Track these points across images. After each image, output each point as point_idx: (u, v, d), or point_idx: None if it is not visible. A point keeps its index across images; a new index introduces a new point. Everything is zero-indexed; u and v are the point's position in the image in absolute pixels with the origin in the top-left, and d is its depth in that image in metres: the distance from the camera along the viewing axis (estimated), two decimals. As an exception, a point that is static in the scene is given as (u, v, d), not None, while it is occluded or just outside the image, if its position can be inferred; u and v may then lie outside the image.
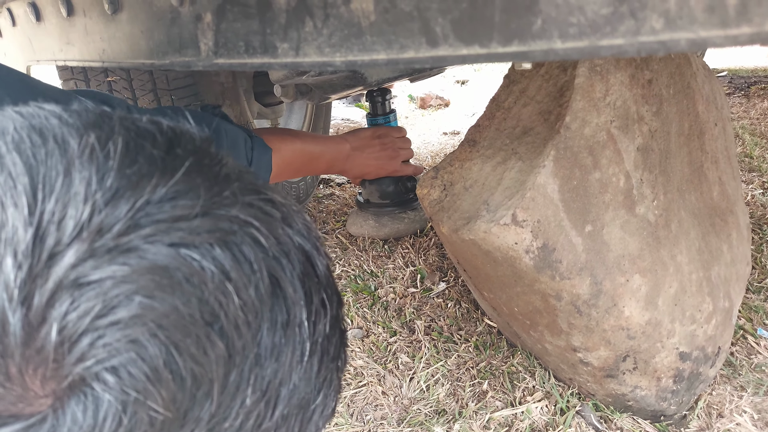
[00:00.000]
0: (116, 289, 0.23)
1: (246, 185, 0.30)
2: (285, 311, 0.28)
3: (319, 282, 0.31)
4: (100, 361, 0.22)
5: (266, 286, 0.27)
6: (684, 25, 0.30)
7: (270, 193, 0.31)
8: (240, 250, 0.26)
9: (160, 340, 0.23)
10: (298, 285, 0.29)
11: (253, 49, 0.51)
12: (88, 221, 0.23)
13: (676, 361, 0.84)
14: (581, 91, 0.75)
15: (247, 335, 0.26)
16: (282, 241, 0.29)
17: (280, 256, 0.28)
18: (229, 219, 0.27)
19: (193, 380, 0.24)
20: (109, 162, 0.25)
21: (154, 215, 0.24)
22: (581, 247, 0.75)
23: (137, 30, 0.64)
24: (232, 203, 0.27)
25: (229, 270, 0.26)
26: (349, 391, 0.98)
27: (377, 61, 0.43)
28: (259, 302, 0.27)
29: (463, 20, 0.37)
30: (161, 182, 0.25)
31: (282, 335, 0.28)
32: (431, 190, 0.93)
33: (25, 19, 0.87)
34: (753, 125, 2.42)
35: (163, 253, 0.24)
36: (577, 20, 0.33)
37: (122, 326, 0.22)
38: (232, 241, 0.26)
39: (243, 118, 1.37)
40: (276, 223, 0.29)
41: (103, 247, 0.23)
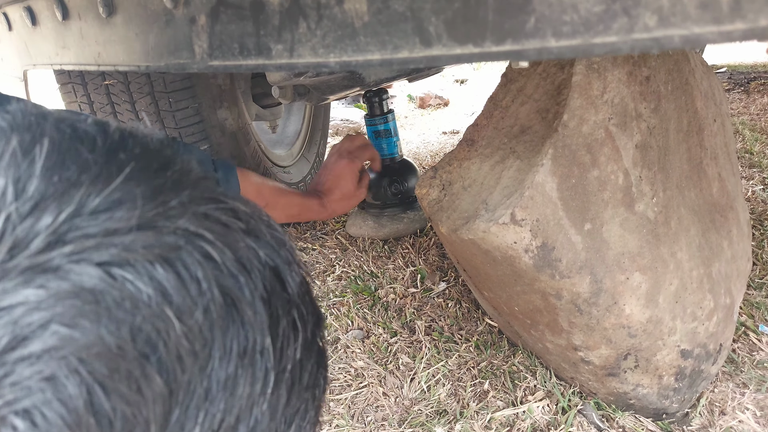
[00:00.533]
0: (28, 317, 0.19)
1: (201, 192, 0.26)
2: (243, 337, 0.25)
3: (290, 300, 0.28)
4: (8, 403, 0.19)
5: (219, 308, 0.24)
6: (677, 22, 0.30)
7: (231, 202, 0.27)
8: (185, 267, 0.23)
9: (81, 377, 0.20)
10: (260, 306, 0.26)
11: (248, 50, 0.51)
12: (0, 237, 0.20)
13: (678, 359, 0.83)
14: (579, 89, 0.75)
15: (194, 367, 0.23)
16: (242, 255, 0.26)
17: (239, 273, 0.25)
18: (175, 232, 0.23)
19: (123, 423, 0.20)
20: (33, 167, 0.22)
21: (83, 229, 0.21)
22: (581, 245, 0.75)
23: (132, 33, 0.64)
24: (180, 213, 0.24)
25: (171, 292, 0.22)
26: (350, 393, 0.98)
27: (371, 61, 0.43)
28: (209, 328, 0.23)
29: (456, 20, 0.37)
30: (94, 191, 0.22)
31: (238, 365, 0.24)
32: (430, 189, 0.93)
33: (21, 23, 0.87)
34: (753, 121, 2.41)
35: (90, 273, 0.21)
36: (570, 18, 0.33)
37: (34, 361, 0.19)
38: (177, 257, 0.23)
39: (242, 119, 1.37)
40: (236, 235, 0.26)
41: (17, 268, 0.20)
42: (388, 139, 1.50)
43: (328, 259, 1.47)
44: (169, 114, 1.20)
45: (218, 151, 1.30)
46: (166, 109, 1.20)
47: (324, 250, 1.52)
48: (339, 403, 0.96)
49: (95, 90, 1.22)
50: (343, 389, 0.99)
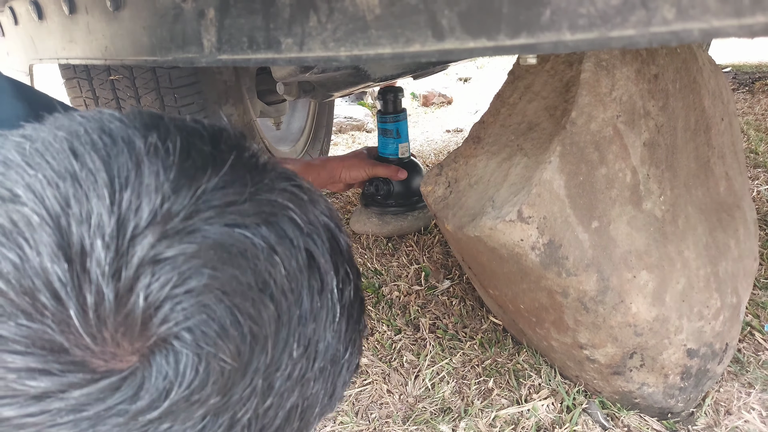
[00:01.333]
0: (187, 264, 0.27)
1: (279, 174, 0.34)
2: (319, 280, 0.32)
3: (343, 256, 0.36)
4: (178, 323, 0.26)
5: (304, 258, 0.31)
6: (696, 15, 0.30)
7: (299, 180, 0.35)
8: (282, 228, 0.31)
9: (225, 304, 0.27)
10: (329, 258, 0.33)
11: (257, 44, 0.51)
12: (160, 208, 0.27)
13: (684, 358, 0.83)
14: (587, 86, 0.75)
15: (291, 299, 0.30)
16: (312, 221, 0.33)
17: (313, 233, 0.33)
18: (270, 203, 0.31)
19: (252, 337, 0.28)
20: (170, 158, 0.29)
21: (211, 201, 0.29)
22: (588, 243, 0.75)
23: (139, 27, 0.63)
24: (271, 189, 0.32)
25: (275, 245, 0.30)
26: (354, 390, 0.97)
27: (383, 55, 0.43)
28: (299, 272, 0.31)
29: (470, 12, 0.37)
30: (214, 173, 0.30)
31: (318, 300, 0.32)
32: (435, 187, 0.93)
33: (28, 17, 0.87)
34: (758, 121, 2.40)
35: (221, 232, 0.28)
36: (586, 11, 0.32)
37: (195, 293, 0.27)
38: (275, 221, 0.31)
39: (246, 116, 1.37)
40: (306, 205, 0.33)
41: (173, 229, 0.27)
42: (391, 139, 1.49)
43: (332, 256, 1.46)
44: (174, 110, 1.20)
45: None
46: (171, 104, 1.20)
47: (328, 247, 1.52)
48: (343, 400, 0.95)
49: (100, 85, 1.21)
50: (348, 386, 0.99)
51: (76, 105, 1.27)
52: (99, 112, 0.32)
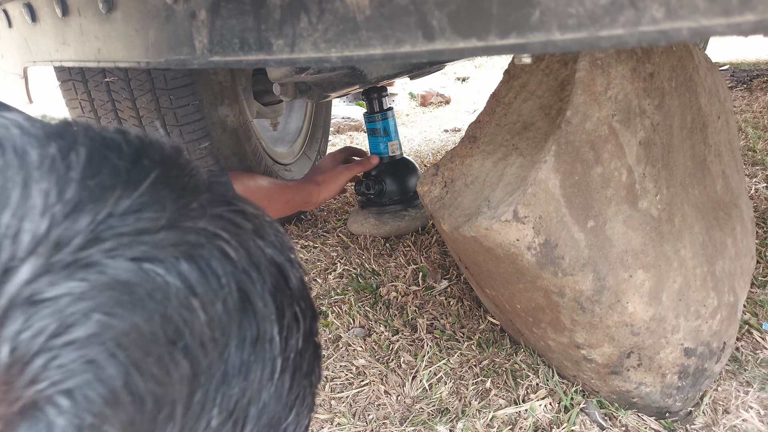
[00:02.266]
0: (73, 307, 0.21)
1: (216, 196, 0.29)
2: (255, 327, 0.27)
3: (292, 295, 0.30)
4: (54, 384, 0.21)
5: (235, 300, 0.26)
6: (685, 14, 0.29)
7: (241, 204, 0.30)
8: (207, 263, 0.25)
9: (119, 360, 0.22)
10: (269, 299, 0.28)
11: (249, 46, 0.51)
12: (46, 235, 0.22)
13: (681, 357, 0.83)
14: (582, 85, 0.75)
15: (214, 353, 0.25)
16: (253, 254, 0.28)
17: (251, 269, 0.27)
18: (197, 231, 0.26)
19: (154, 402, 0.23)
20: (71, 173, 0.24)
21: (117, 228, 0.23)
22: (584, 242, 0.74)
23: (132, 29, 0.63)
24: (200, 215, 0.26)
25: (195, 285, 0.25)
26: (352, 391, 0.97)
27: (373, 56, 0.43)
28: (227, 318, 0.26)
29: (460, 13, 0.37)
30: (125, 194, 0.24)
31: (251, 352, 0.27)
32: (432, 187, 0.93)
33: (21, 20, 0.87)
34: (756, 118, 2.40)
35: (125, 267, 0.23)
36: (576, 11, 0.32)
37: (78, 346, 0.21)
38: (199, 254, 0.25)
39: (243, 117, 1.36)
40: (247, 235, 0.28)
41: (61, 262, 0.22)
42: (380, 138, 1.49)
43: (330, 257, 1.46)
44: (170, 111, 1.20)
45: (219, 148, 1.29)
46: (167, 106, 1.19)
47: (325, 248, 1.52)
48: (340, 402, 0.95)
49: (96, 87, 1.21)
50: (345, 387, 0.99)
51: (71, 107, 1.27)
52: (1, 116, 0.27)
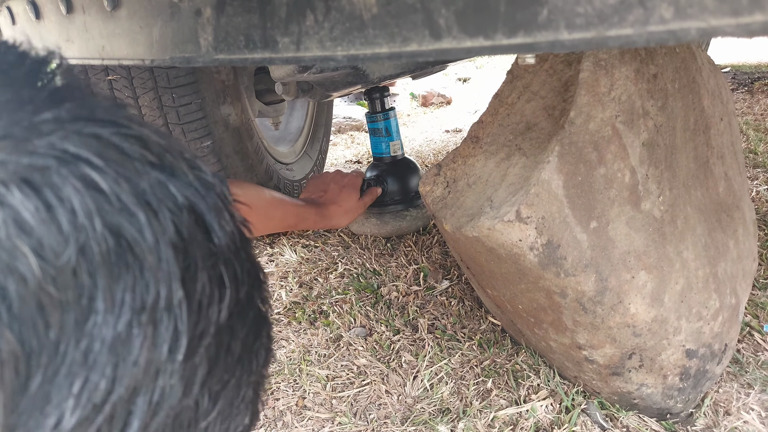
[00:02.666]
0: None
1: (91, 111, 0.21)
2: (142, 288, 0.20)
3: (215, 253, 0.23)
4: None
5: (104, 249, 0.19)
6: (694, 14, 0.29)
7: (138, 128, 0.22)
8: (56, 193, 0.18)
9: None
10: (169, 253, 0.21)
11: (254, 43, 0.51)
12: None
13: (683, 359, 0.83)
14: (586, 86, 0.75)
15: (63, 322, 0.18)
16: (144, 191, 0.21)
17: (137, 210, 0.20)
18: (45, 149, 0.19)
19: None
20: None
21: None
22: (586, 243, 0.74)
23: (136, 26, 0.63)
24: (55, 129, 0.19)
25: (30, 222, 0.18)
26: (353, 390, 0.97)
27: (380, 54, 0.43)
28: (88, 273, 0.19)
29: (467, 11, 0.37)
30: None
31: (133, 322, 0.19)
32: (434, 187, 0.93)
33: (25, 17, 0.87)
34: (757, 121, 2.40)
35: None
36: (584, 10, 0.32)
37: None
38: (44, 180, 0.18)
39: (245, 116, 1.36)
40: (138, 166, 0.21)
41: None
42: (382, 138, 1.50)
43: (331, 256, 1.46)
44: (173, 109, 1.20)
45: (221, 146, 1.29)
46: (169, 104, 1.19)
47: (326, 247, 1.52)
48: (341, 401, 0.95)
49: (98, 85, 1.21)
50: (346, 387, 0.99)
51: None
52: None
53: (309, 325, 1.18)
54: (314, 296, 1.28)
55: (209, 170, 0.25)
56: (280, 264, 1.45)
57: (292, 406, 0.95)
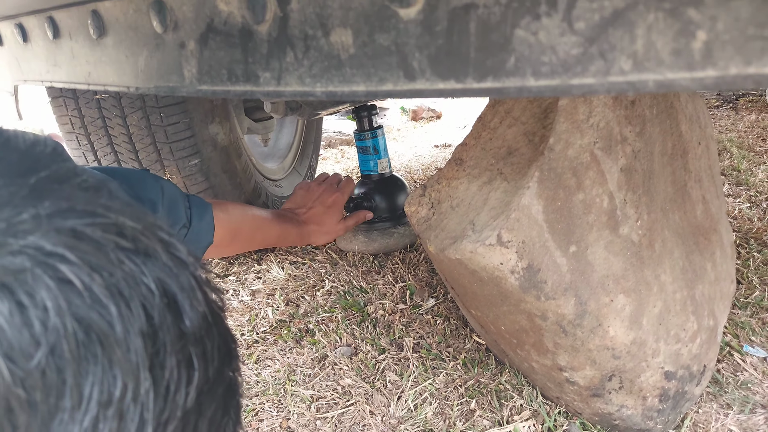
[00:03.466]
0: None
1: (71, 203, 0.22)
2: (109, 381, 0.20)
3: (185, 335, 0.23)
4: None
5: (73, 346, 0.19)
6: (651, 67, 0.31)
7: (114, 216, 0.23)
8: (29, 295, 0.19)
9: None
10: (138, 342, 0.21)
11: (236, 77, 0.52)
12: None
13: (662, 380, 0.84)
14: (565, 113, 0.76)
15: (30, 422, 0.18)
16: (117, 281, 0.21)
17: (108, 302, 0.21)
18: (21, 251, 0.20)
19: None
20: None
21: None
22: (566, 267, 0.76)
23: (122, 55, 0.64)
24: (33, 228, 0.20)
25: (4, 327, 0.18)
26: (337, 411, 0.98)
27: (357, 92, 0.44)
28: (56, 372, 0.19)
29: (439, 56, 0.38)
30: None
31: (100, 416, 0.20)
32: (419, 207, 0.94)
33: (13, 39, 0.88)
34: (741, 138, 2.44)
35: None
36: (549, 59, 0.34)
37: None
38: (18, 282, 0.19)
39: (233, 134, 1.37)
40: (111, 255, 0.22)
41: None
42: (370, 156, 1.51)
43: (318, 273, 1.47)
44: (161, 128, 1.21)
45: (210, 165, 1.30)
46: (157, 123, 1.20)
47: (314, 264, 1.52)
48: (325, 422, 0.95)
49: (86, 104, 1.22)
50: (330, 407, 0.99)
51: (61, 124, 1.27)
52: None
53: (295, 343, 1.18)
54: (301, 314, 1.28)
55: (183, 248, 0.25)
56: (267, 281, 1.45)
57: (276, 427, 0.95)
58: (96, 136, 1.26)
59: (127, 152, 1.26)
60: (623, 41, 0.31)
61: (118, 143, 1.25)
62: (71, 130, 1.27)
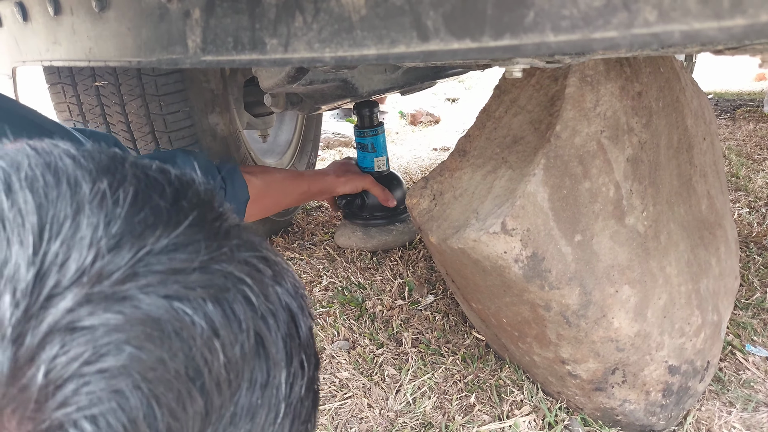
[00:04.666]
0: (107, 337, 0.23)
1: (244, 242, 0.30)
2: (266, 371, 0.28)
3: (301, 343, 0.31)
4: (80, 409, 0.22)
5: (251, 345, 0.27)
6: (678, 17, 0.30)
7: (264, 251, 0.31)
8: (231, 307, 0.26)
9: (143, 393, 0.23)
10: (281, 345, 0.29)
11: (242, 45, 0.51)
12: (90, 266, 0.23)
13: (665, 375, 0.83)
14: (572, 101, 0.75)
15: (227, 393, 0.26)
16: (271, 300, 0.29)
17: (268, 316, 0.28)
18: (224, 275, 0.27)
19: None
20: (117, 209, 0.25)
21: (153, 266, 0.25)
22: (571, 256, 0.74)
23: (124, 27, 0.63)
24: (229, 259, 0.28)
25: (219, 327, 0.26)
26: (334, 403, 0.96)
27: (367, 56, 0.43)
28: (243, 361, 0.27)
29: (454, 13, 0.37)
30: (164, 233, 0.26)
31: (260, 396, 0.28)
32: (420, 199, 0.93)
33: (12, 19, 0.86)
34: (739, 146, 2.45)
35: (157, 304, 0.24)
36: (569, 12, 0.33)
37: (108, 375, 0.22)
38: (225, 297, 0.26)
39: (233, 126, 1.36)
40: (266, 281, 0.29)
41: (101, 294, 0.23)
42: (368, 153, 1.50)
43: (316, 269, 1.45)
44: (160, 117, 1.19)
45: (208, 156, 1.29)
46: (156, 112, 1.19)
47: (311, 260, 1.51)
48: (322, 414, 0.94)
49: (85, 91, 1.20)
50: (327, 400, 0.97)
51: (59, 110, 1.26)
52: (54, 144, 0.28)
53: (292, 337, 1.16)
54: (298, 309, 1.26)
55: (294, 278, 0.33)
56: (265, 276, 1.44)
57: (272, 418, 0.93)
58: (94, 124, 1.24)
59: (125, 141, 1.24)
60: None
61: (116, 132, 1.24)
62: (69, 118, 1.26)
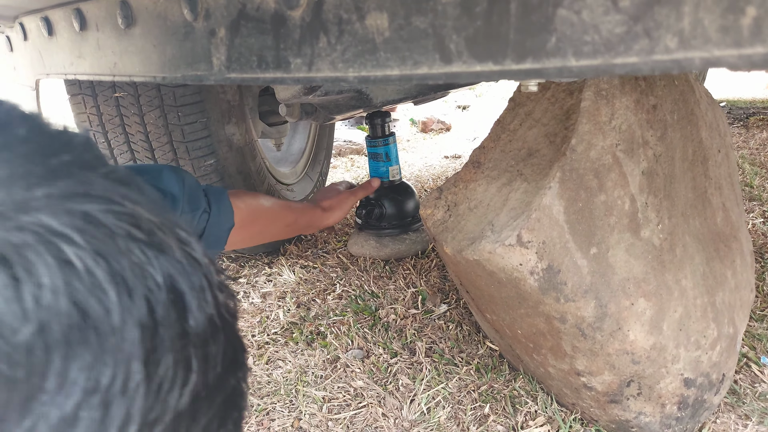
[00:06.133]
0: None
1: (88, 188, 0.22)
2: (98, 369, 0.19)
3: (188, 334, 0.23)
4: None
5: (65, 327, 0.19)
6: (698, 45, 0.31)
7: (131, 206, 0.23)
8: (27, 270, 0.19)
9: None
10: (134, 333, 0.20)
11: (266, 64, 0.52)
12: None
13: (681, 388, 0.83)
14: (587, 115, 0.76)
15: (9, 400, 0.18)
16: (122, 269, 0.21)
17: (109, 288, 0.20)
18: (26, 226, 0.19)
19: None
20: None
21: None
22: (586, 269, 0.75)
23: (150, 44, 0.65)
24: (43, 206, 0.20)
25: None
26: (349, 412, 0.96)
27: (390, 77, 0.44)
28: (44, 350, 0.18)
29: (477, 38, 0.38)
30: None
31: (82, 403, 0.19)
32: (435, 210, 0.93)
33: (37, 33, 0.88)
34: (753, 155, 2.43)
35: None
36: (591, 38, 0.33)
37: None
38: (18, 256, 0.19)
39: (248, 136, 1.38)
40: (121, 244, 0.21)
41: None
42: (381, 162, 1.52)
43: (329, 277, 1.46)
44: (178, 128, 1.21)
45: (225, 165, 1.30)
46: (174, 122, 1.21)
47: (325, 268, 1.52)
48: (337, 423, 0.94)
49: (105, 102, 1.23)
50: (342, 409, 0.98)
51: (80, 121, 1.28)
52: None
53: (306, 345, 1.17)
54: (312, 317, 1.28)
55: (200, 248, 0.25)
56: (278, 284, 1.45)
57: (288, 427, 0.94)
58: (113, 134, 1.27)
59: (144, 150, 1.26)
60: (669, 19, 0.31)
61: (135, 141, 1.26)
62: (89, 128, 1.28)
